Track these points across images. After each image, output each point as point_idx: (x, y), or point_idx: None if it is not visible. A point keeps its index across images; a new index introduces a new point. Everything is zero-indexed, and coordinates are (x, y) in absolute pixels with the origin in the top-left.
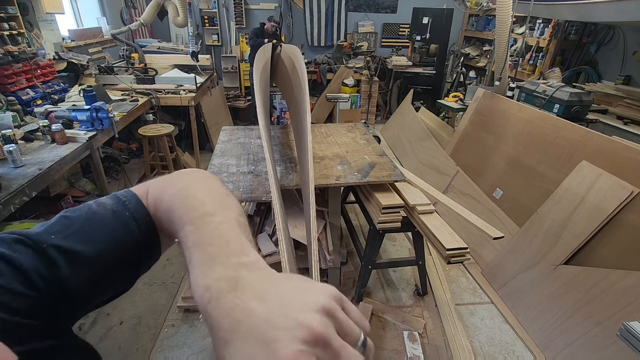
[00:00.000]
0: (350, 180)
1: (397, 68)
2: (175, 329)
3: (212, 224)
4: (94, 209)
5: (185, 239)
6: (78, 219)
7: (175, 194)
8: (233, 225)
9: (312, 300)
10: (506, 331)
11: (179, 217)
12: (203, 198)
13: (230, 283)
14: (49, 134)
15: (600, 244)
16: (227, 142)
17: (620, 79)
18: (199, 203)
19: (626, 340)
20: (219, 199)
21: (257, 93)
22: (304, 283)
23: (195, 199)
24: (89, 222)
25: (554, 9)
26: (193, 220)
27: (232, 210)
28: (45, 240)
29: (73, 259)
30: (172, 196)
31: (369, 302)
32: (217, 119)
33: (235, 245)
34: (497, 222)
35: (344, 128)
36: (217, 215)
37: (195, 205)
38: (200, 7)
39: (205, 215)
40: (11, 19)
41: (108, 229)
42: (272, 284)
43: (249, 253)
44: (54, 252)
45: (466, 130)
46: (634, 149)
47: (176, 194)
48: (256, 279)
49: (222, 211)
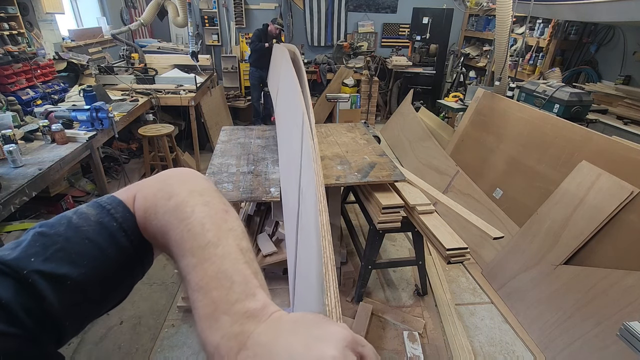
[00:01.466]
0: (350, 180)
1: (397, 68)
2: (175, 329)
3: (214, 259)
4: (75, 222)
5: (187, 274)
6: (58, 236)
7: (171, 211)
8: (237, 257)
9: (324, 355)
10: (506, 331)
11: (177, 241)
12: (202, 220)
13: (238, 340)
14: (49, 134)
15: (600, 244)
16: (227, 142)
17: (620, 79)
18: (199, 228)
19: (626, 340)
20: (219, 219)
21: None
22: (315, 330)
23: (195, 222)
24: (71, 239)
25: (554, 9)
26: (194, 251)
27: (234, 233)
28: (24, 265)
29: (59, 284)
30: (167, 213)
31: (369, 302)
32: (217, 119)
33: (240, 287)
34: (497, 222)
35: (344, 128)
36: (220, 246)
37: (196, 231)
38: (200, 7)
39: (208, 247)
40: (11, 19)
41: (94, 244)
42: (281, 338)
43: (256, 294)
44: (37, 279)
45: (466, 130)
46: (634, 149)
47: (172, 211)
48: (264, 333)
49: (224, 238)
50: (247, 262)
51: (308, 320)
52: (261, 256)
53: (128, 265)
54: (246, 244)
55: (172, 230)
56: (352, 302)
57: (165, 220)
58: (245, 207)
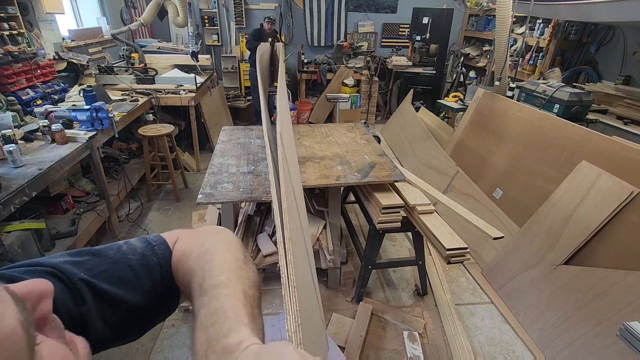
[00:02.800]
0: (350, 180)
1: (397, 68)
2: (175, 329)
3: (219, 298)
4: (124, 250)
5: (197, 313)
6: (107, 259)
7: (201, 255)
8: (239, 297)
9: None
10: (506, 331)
11: (198, 281)
12: (221, 264)
13: None
14: (49, 134)
15: (601, 244)
16: (227, 142)
17: (620, 79)
18: (217, 270)
19: (626, 340)
20: (237, 267)
21: (260, 94)
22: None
23: (215, 265)
24: (117, 263)
25: (554, 9)
26: (207, 290)
27: (247, 281)
28: (76, 274)
29: (100, 297)
30: (198, 257)
31: (369, 302)
32: (217, 119)
33: (229, 323)
34: (497, 222)
35: (344, 128)
36: (228, 287)
37: (213, 273)
38: (200, 7)
39: (218, 286)
40: (11, 19)
41: (134, 272)
42: None
43: (239, 330)
44: (83, 288)
45: (466, 130)
46: (634, 149)
47: (201, 255)
48: None
49: (235, 282)
50: (246, 305)
51: (269, 352)
52: (261, 256)
53: (155, 302)
54: (253, 292)
55: (197, 271)
56: (352, 302)
57: (194, 262)
58: (245, 207)
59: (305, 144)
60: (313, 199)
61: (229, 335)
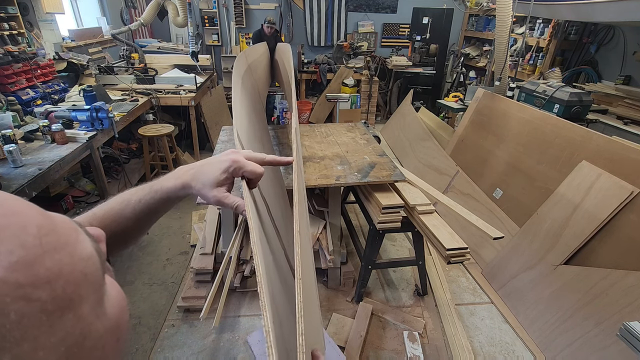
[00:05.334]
0: (350, 180)
1: (397, 68)
2: (175, 329)
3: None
4: None
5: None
6: None
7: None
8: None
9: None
10: (506, 331)
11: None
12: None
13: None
14: (49, 134)
15: (601, 244)
16: (227, 142)
17: (620, 79)
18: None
19: (626, 340)
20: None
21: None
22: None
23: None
24: None
25: (554, 9)
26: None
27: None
28: None
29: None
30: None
31: (369, 302)
32: (217, 119)
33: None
34: (497, 222)
35: (344, 128)
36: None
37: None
38: (200, 7)
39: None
40: (11, 19)
41: None
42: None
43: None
44: None
45: (466, 130)
46: (634, 149)
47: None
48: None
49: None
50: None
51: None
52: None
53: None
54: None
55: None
56: (352, 302)
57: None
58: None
59: (305, 143)
60: (313, 199)
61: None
